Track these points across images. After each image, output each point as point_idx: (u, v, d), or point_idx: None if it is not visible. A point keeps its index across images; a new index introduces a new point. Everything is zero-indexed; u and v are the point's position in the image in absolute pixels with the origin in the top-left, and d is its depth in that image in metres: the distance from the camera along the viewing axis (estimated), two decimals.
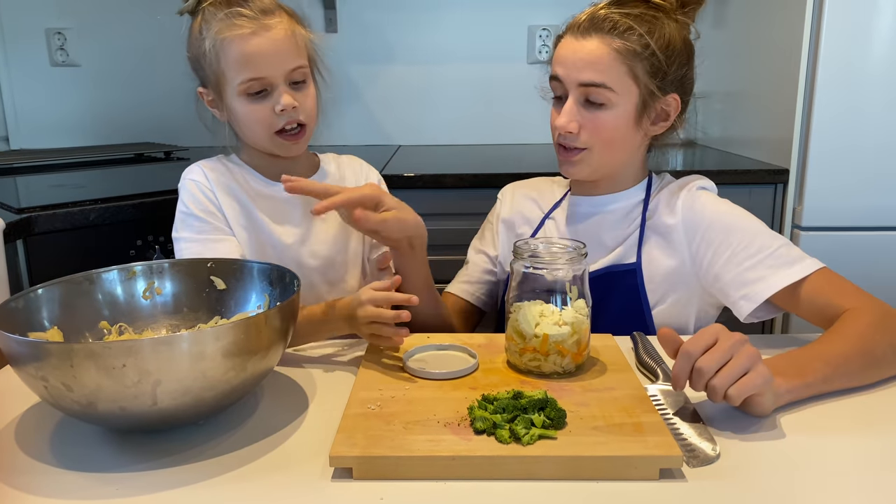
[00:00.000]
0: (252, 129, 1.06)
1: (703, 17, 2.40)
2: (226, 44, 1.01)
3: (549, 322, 0.83)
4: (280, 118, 1.04)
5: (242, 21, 1.01)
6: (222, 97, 1.06)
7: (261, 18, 1.02)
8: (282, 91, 1.03)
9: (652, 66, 1.03)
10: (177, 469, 0.70)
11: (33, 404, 0.84)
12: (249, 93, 1.03)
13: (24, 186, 1.80)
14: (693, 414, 0.78)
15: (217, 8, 1.02)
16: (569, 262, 0.84)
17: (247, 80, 1.02)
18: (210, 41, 1.02)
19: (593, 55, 1.02)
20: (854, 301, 0.93)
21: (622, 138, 1.07)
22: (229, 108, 1.06)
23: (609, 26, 1.02)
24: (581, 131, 1.05)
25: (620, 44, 1.01)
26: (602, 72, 1.02)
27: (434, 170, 1.84)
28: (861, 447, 0.73)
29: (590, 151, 1.07)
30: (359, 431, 0.71)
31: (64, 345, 0.76)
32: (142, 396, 0.68)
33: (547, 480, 0.66)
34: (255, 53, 1.01)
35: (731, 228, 1.03)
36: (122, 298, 0.91)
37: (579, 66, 1.03)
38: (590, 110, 1.04)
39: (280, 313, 0.77)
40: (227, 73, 1.03)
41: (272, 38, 1.02)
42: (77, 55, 2.35)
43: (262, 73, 1.02)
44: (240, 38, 1.01)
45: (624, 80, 1.03)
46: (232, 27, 1.01)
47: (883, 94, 1.65)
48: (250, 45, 1.01)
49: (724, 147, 2.17)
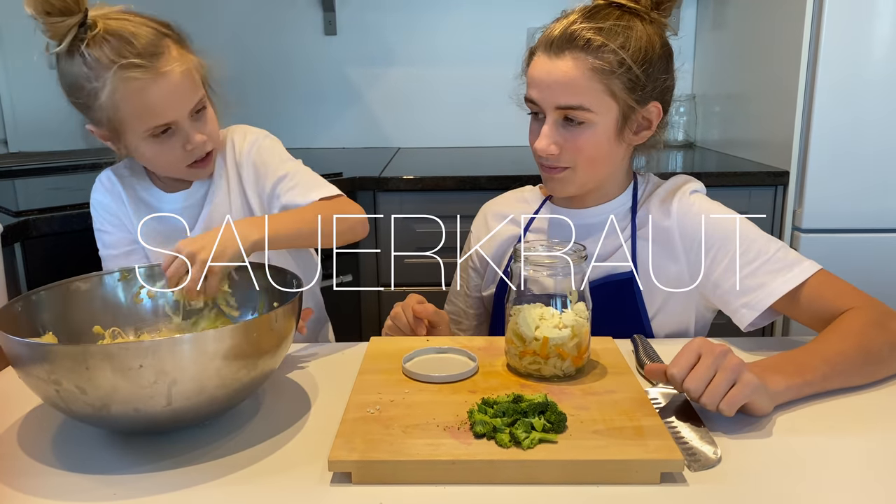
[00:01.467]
0: (163, 167, 1.08)
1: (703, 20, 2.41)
2: (125, 97, 0.97)
3: (549, 325, 0.83)
4: (191, 154, 1.04)
5: (137, 73, 0.95)
6: (122, 138, 1.03)
7: (154, 64, 0.96)
8: (188, 129, 1.02)
9: (629, 80, 0.99)
10: (178, 471, 0.70)
11: (36, 406, 0.84)
12: (156, 135, 1.01)
13: (22, 189, 1.80)
14: (694, 417, 0.78)
15: (100, 52, 0.95)
16: (569, 265, 0.84)
17: (151, 127, 1.00)
18: (105, 93, 0.97)
19: (568, 76, 0.98)
20: (853, 301, 0.93)
21: (605, 154, 1.04)
22: (131, 147, 1.04)
23: (582, 43, 0.98)
24: (562, 152, 1.02)
25: (595, 62, 0.97)
26: (578, 94, 0.98)
27: (433, 172, 1.84)
28: (863, 449, 0.73)
29: (573, 170, 1.04)
30: (358, 436, 0.70)
31: (80, 347, 0.77)
32: (157, 397, 0.68)
33: (547, 485, 0.66)
34: (156, 104, 0.98)
35: (729, 234, 1.02)
36: (122, 302, 0.91)
37: (555, 88, 1.00)
38: (569, 130, 1.01)
39: (289, 312, 0.78)
40: (128, 122, 1.00)
41: (170, 84, 0.98)
42: None
43: (168, 118, 1.00)
44: (138, 91, 0.96)
45: (602, 99, 0.99)
46: (127, 81, 0.95)
47: (883, 96, 1.65)
48: (150, 97, 0.97)
49: (724, 149, 2.17)
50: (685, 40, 2.38)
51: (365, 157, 2.20)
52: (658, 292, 1.07)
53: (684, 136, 2.37)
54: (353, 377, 0.84)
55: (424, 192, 1.78)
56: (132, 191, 1.14)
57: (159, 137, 1.01)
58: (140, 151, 1.04)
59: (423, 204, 1.76)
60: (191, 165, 1.06)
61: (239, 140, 1.15)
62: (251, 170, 1.14)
